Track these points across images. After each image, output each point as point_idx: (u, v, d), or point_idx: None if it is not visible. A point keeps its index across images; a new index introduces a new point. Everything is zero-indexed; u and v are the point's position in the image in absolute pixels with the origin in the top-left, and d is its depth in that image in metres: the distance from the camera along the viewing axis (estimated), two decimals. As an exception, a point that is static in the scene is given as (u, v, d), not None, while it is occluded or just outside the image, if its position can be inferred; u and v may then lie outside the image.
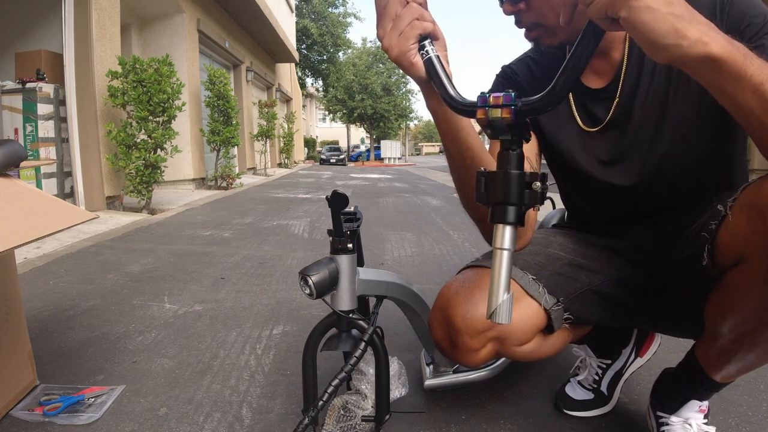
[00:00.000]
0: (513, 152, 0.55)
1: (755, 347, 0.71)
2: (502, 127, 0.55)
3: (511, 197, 0.54)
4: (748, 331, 0.69)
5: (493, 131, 0.57)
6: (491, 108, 0.55)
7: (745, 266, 0.66)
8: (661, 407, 0.92)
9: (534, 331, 0.82)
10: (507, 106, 0.54)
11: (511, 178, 0.54)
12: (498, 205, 0.55)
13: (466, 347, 0.79)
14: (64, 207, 1.03)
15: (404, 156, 31.86)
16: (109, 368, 1.29)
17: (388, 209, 4.84)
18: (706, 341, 0.81)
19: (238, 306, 1.82)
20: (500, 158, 0.56)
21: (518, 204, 0.54)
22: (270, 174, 10.51)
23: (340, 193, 0.72)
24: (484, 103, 0.55)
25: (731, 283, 0.69)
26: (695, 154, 0.82)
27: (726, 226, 0.68)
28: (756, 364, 0.75)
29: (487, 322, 0.77)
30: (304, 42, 22.40)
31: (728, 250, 0.69)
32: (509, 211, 0.54)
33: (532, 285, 0.82)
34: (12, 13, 4.48)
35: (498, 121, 0.55)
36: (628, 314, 0.90)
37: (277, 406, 1.11)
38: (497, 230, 0.54)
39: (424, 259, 2.63)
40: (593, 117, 0.88)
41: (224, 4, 8.30)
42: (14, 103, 3.89)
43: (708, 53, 0.51)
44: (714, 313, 0.74)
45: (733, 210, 0.67)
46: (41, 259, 2.48)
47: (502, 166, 0.56)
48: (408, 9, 0.65)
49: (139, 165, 4.21)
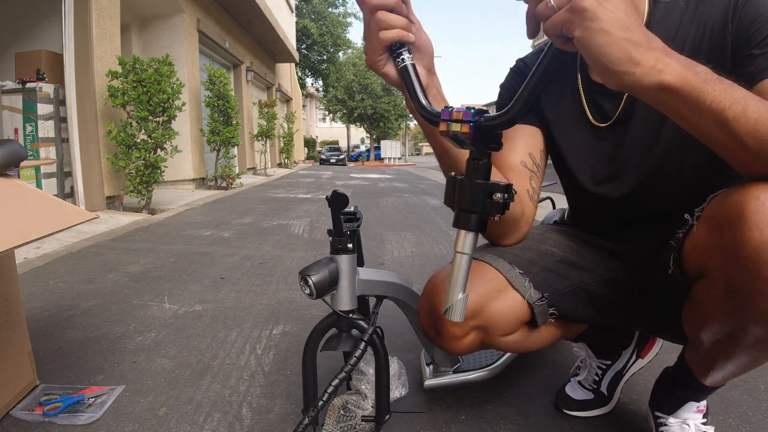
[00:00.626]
0: (479, 162, 0.57)
1: (732, 358, 0.70)
2: (463, 140, 0.57)
3: (474, 206, 0.57)
4: (721, 341, 0.68)
5: (457, 143, 0.59)
6: (452, 122, 0.57)
7: (707, 280, 0.65)
8: (660, 408, 0.92)
9: (517, 323, 0.83)
10: (467, 122, 0.56)
11: (474, 188, 0.57)
12: (462, 212, 0.58)
13: (450, 334, 0.81)
14: (64, 207, 1.03)
15: (404, 156, 31.86)
16: (109, 368, 1.29)
17: (388, 209, 4.84)
18: (691, 347, 0.81)
19: (238, 306, 1.82)
20: (467, 166, 0.58)
21: (480, 213, 0.57)
22: (270, 174, 10.51)
23: (340, 193, 0.72)
24: (448, 117, 0.57)
25: (697, 296, 0.69)
26: (693, 158, 0.81)
27: (691, 237, 0.67)
28: (738, 372, 0.75)
29: (470, 310, 0.79)
30: (304, 42, 22.40)
31: (692, 260, 0.68)
32: (471, 219, 0.57)
33: (518, 279, 0.83)
34: (12, 13, 4.49)
35: (458, 135, 0.57)
36: (620, 315, 0.90)
37: (277, 406, 1.11)
38: (459, 235, 0.57)
39: (424, 259, 2.63)
40: (602, 112, 0.87)
41: (224, 4, 8.30)
42: (14, 103, 3.89)
43: (661, 81, 0.50)
44: (688, 324, 0.74)
45: (699, 220, 0.66)
46: (41, 259, 2.48)
47: (467, 174, 0.58)
48: (373, 21, 0.66)
49: (139, 165, 4.21)
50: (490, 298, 0.81)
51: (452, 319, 0.56)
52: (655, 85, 0.51)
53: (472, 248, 0.57)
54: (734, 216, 0.57)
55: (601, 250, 0.93)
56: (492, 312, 0.80)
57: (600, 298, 0.88)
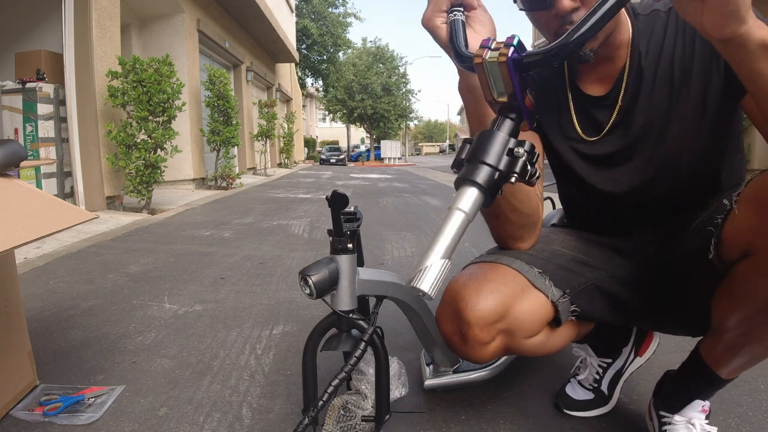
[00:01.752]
0: (507, 117, 0.51)
1: (764, 339, 0.72)
2: (497, 75, 0.50)
3: (487, 156, 0.47)
4: (757, 323, 0.70)
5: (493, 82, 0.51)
6: (491, 51, 0.51)
7: (753, 258, 0.67)
8: (665, 407, 0.92)
9: (542, 323, 0.83)
10: (508, 45, 0.50)
11: (494, 138, 0.48)
12: (471, 163, 0.48)
13: (476, 340, 0.79)
14: (64, 207, 1.03)
15: (404, 156, 31.83)
16: (109, 368, 1.29)
17: (388, 209, 4.84)
18: (712, 337, 0.82)
19: (238, 306, 1.82)
20: (492, 122, 0.51)
21: (493, 166, 0.47)
22: (270, 174, 10.51)
23: (340, 193, 0.72)
24: (487, 45, 0.52)
25: (740, 276, 0.70)
26: (693, 159, 0.82)
27: (732, 220, 0.69)
28: (763, 356, 0.77)
29: (497, 312, 0.78)
30: (304, 42, 22.39)
31: (735, 243, 0.69)
32: (481, 171, 0.47)
33: (539, 278, 0.83)
34: (12, 13, 4.48)
35: (494, 67, 0.50)
36: (629, 312, 0.91)
37: (277, 406, 1.11)
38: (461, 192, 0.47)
39: (424, 259, 2.63)
40: (595, 123, 0.88)
41: (224, 4, 8.29)
42: (14, 103, 3.89)
43: (765, 38, 0.52)
44: (721, 308, 0.75)
45: (739, 203, 0.68)
46: (41, 259, 2.48)
47: (490, 127, 0.51)
48: None
49: (139, 165, 4.21)
50: (514, 299, 0.80)
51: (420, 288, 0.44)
52: (761, 40, 0.53)
53: (474, 210, 0.47)
54: None
55: (606, 248, 0.94)
56: (518, 313, 0.80)
57: (611, 295, 0.89)
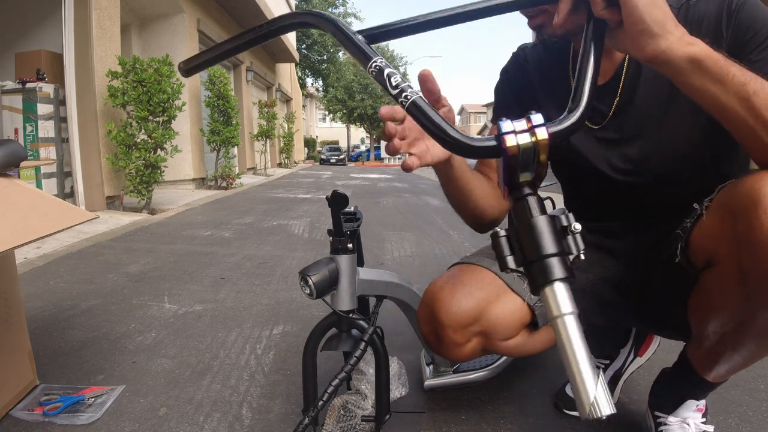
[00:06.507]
0: (533, 195, 0.44)
1: (739, 348, 0.70)
2: (529, 159, 0.43)
3: (548, 247, 0.42)
4: (729, 332, 0.69)
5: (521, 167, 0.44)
6: (519, 134, 0.43)
7: (717, 267, 0.66)
8: (659, 407, 0.92)
9: (518, 326, 0.82)
10: (540, 125, 0.43)
11: (541, 224, 0.42)
12: (538, 263, 0.42)
13: (451, 341, 0.80)
14: (64, 207, 1.03)
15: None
16: (109, 368, 1.29)
17: (388, 209, 4.84)
18: (694, 342, 0.81)
19: (238, 306, 1.82)
20: (518, 207, 0.45)
21: (559, 253, 0.42)
22: (270, 174, 10.50)
23: (340, 193, 0.72)
24: (511, 130, 0.43)
25: (706, 285, 0.69)
26: (693, 151, 0.81)
27: (700, 226, 0.69)
28: (744, 364, 0.75)
29: (470, 316, 0.78)
30: (304, 42, 22.41)
31: (700, 249, 0.69)
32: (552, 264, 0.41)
33: (517, 282, 0.82)
34: (12, 13, 4.48)
35: (528, 151, 0.42)
36: (616, 314, 0.90)
37: (277, 406, 1.11)
38: (548, 295, 0.41)
39: (424, 259, 2.63)
40: (598, 110, 0.87)
41: (224, 4, 8.30)
42: (14, 103, 3.89)
43: (691, 53, 0.53)
44: (695, 315, 0.74)
45: (709, 210, 0.68)
46: (41, 259, 2.48)
47: (521, 215, 0.44)
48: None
49: (139, 165, 4.21)
50: (489, 303, 0.80)
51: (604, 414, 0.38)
52: (686, 55, 0.54)
53: (573, 304, 0.41)
54: (748, 202, 0.58)
55: (598, 250, 0.93)
56: (492, 317, 0.79)
57: (597, 297, 0.88)
